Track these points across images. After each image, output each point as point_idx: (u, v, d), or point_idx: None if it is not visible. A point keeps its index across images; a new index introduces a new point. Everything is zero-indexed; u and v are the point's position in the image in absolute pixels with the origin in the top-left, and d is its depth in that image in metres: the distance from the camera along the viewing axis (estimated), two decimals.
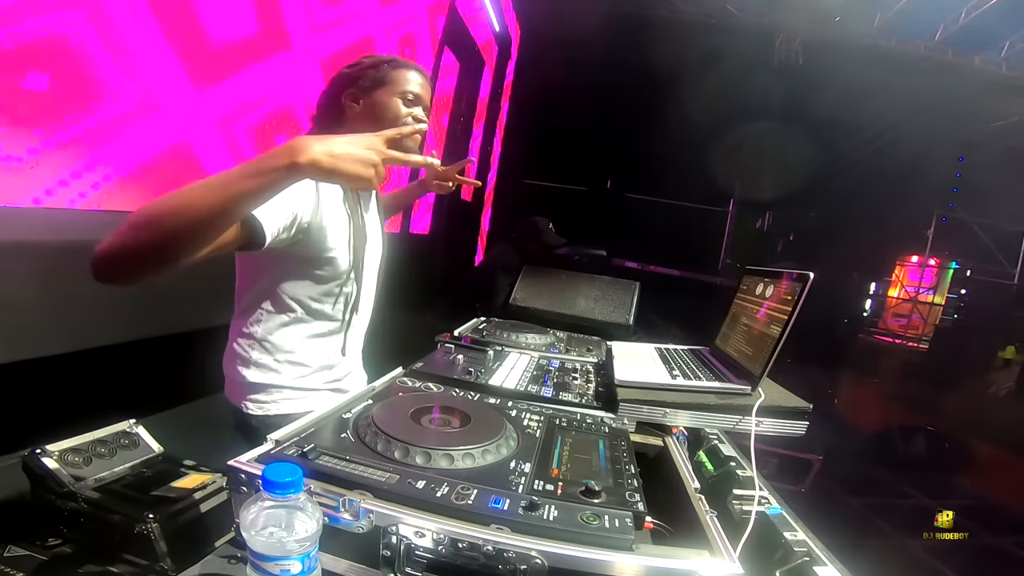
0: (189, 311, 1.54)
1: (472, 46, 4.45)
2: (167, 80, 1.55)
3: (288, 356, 1.08)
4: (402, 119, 1.08)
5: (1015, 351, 7.34)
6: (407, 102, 1.09)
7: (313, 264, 1.03)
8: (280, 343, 1.07)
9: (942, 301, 7.90)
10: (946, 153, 6.96)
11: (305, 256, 1.01)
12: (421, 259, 4.15)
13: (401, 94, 1.08)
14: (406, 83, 1.08)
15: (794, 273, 1.07)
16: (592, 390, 1.15)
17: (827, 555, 0.70)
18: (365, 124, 1.06)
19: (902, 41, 6.72)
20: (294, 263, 1.02)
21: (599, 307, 1.97)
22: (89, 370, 1.34)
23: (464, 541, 0.56)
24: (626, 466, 0.76)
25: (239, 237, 0.83)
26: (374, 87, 1.08)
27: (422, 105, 1.11)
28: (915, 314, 7.99)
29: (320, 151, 0.70)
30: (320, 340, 1.11)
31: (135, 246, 0.70)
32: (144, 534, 0.70)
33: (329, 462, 0.66)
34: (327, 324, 1.11)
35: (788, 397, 1.01)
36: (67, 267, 1.29)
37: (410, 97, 1.09)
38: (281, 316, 1.06)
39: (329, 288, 1.07)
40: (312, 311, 1.08)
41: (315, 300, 1.07)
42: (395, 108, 1.07)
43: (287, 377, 1.08)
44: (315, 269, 1.04)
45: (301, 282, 1.05)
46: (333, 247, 1.03)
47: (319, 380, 1.13)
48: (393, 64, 1.10)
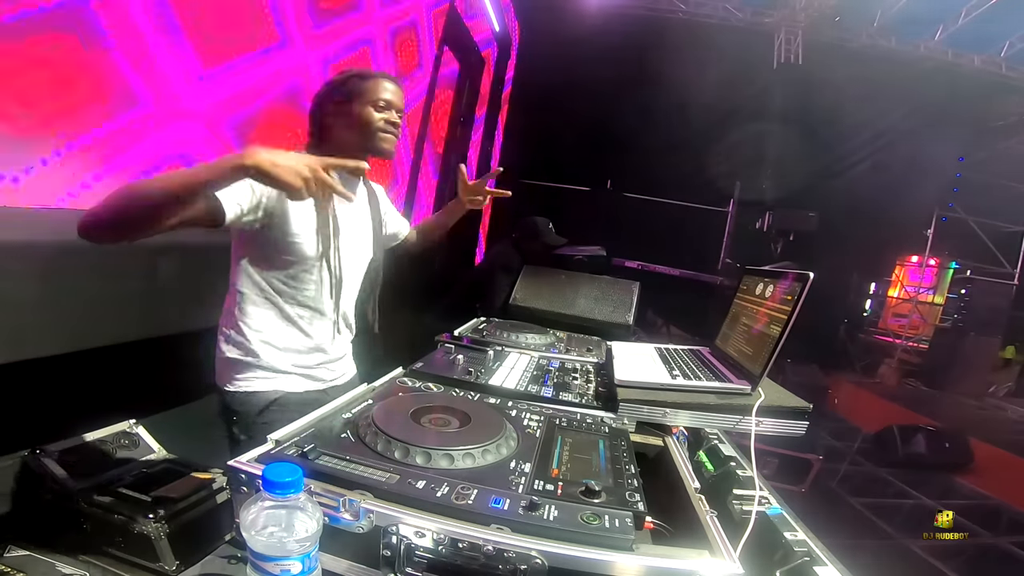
0: (189, 311, 1.54)
1: (472, 46, 4.45)
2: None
3: (260, 336, 1.16)
4: (376, 124, 1.17)
5: (1015, 351, 7.34)
6: (379, 108, 1.18)
7: (279, 248, 1.11)
8: (254, 324, 1.15)
9: (942, 301, 7.89)
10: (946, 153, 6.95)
11: (272, 239, 1.10)
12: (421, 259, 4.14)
13: (372, 103, 1.17)
14: (376, 92, 1.17)
15: (794, 273, 1.07)
16: (592, 390, 1.15)
17: (827, 555, 0.70)
18: (346, 134, 1.19)
19: (902, 41, 6.72)
20: (264, 246, 1.11)
21: (599, 307, 1.97)
22: (89, 370, 1.34)
23: (464, 541, 0.56)
24: (626, 466, 0.76)
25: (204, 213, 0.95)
26: (347, 100, 1.17)
27: (394, 109, 1.20)
28: (915, 314, 7.98)
29: (265, 158, 0.85)
30: (291, 324, 1.18)
31: (113, 214, 0.86)
32: (144, 534, 0.70)
33: (329, 462, 0.66)
34: (298, 309, 1.18)
35: (788, 397, 1.01)
36: (67, 267, 1.29)
37: (381, 104, 1.18)
38: (255, 298, 1.15)
39: (295, 272, 1.15)
40: (282, 294, 1.16)
41: (283, 283, 1.15)
42: (367, 116, 1.17)
43: (260, 357, 1.16)
44: (281, 254, 1.12)
45: (271, 265, 1.13)
46: (297, 232, 1.11)
47: (288, 362, 1.19)
48: (361, 75, 1.20)
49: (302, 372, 1.22)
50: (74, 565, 0.70)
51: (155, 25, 1.48)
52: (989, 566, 3.23)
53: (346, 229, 1.23)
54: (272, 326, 1.17)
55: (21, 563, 0.68)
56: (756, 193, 6.89)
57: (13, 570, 0.66)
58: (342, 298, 1.25)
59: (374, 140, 1.18)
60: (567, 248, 3.29)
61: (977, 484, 4.13)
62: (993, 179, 7.23)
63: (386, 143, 1.19)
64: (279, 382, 1.18)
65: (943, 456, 4.35)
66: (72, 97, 1.30)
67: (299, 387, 1.21)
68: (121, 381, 1.37)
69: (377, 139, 1.18)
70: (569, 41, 5.89)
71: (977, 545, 3.31)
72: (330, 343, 1.26)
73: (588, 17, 6.05)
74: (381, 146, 1.19)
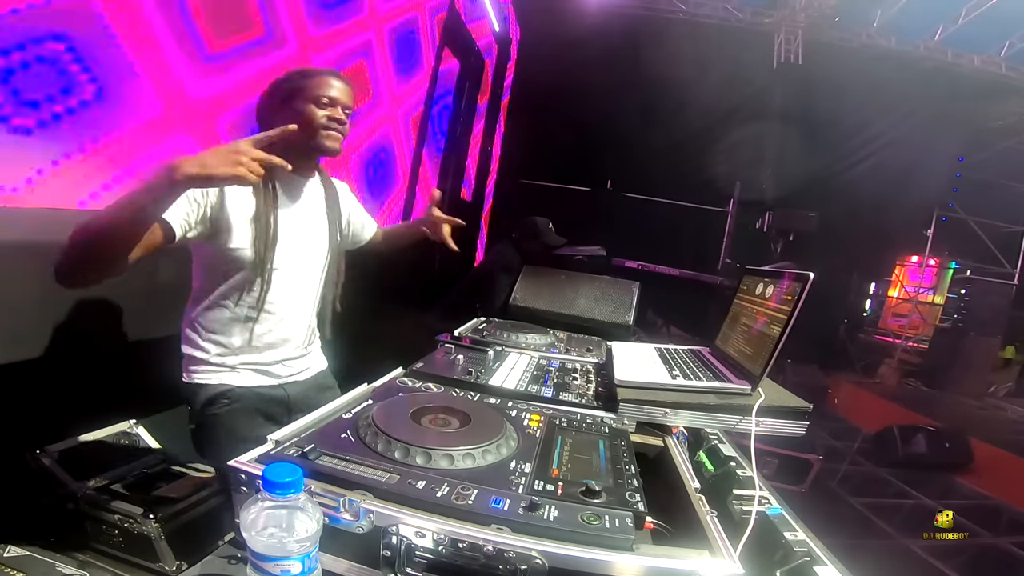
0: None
1: (472, 46, 4.45)
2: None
3: (211, 336, 1.19)
4: (317, 121, 1.16)
5: (1015, 351, 7.34)
6: (321, 105, 1.17)
7: (222, 256, 1.13)
8: (205, 323, 1.19)
9: (942, 301, 7.89)
10: (946, 153, 6.95)
11: (217, 247, 1.12)
12: (421, 259, 4.14)
13: (314, 99, 1.16)
14: (317, 88, 1.16)
15: (794, 273, 1.07)
16: (592, 390, 1.15)
17: (827, 555, 0.70)
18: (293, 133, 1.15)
19: (902, 41, 6.72)
20: (212, 253, 1.14)
21: (599, 307, 1.97)
22: (89, 370, 1.34)
23: (464, 541, 0.56)
24: (626, 466, 0.76)
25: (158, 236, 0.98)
26: (289, 97, 1.17)
27: (339, 105, 1.19)
28: (915, 314, 7.98)
29: (191, 164, 0.85)
30: (241, 323, 1.19)
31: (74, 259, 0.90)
32: (144, 534, 0.70)
33: (329, 462, 0.66)
34: (247, 310, 1.19)
35: (788, 397, 1.01)
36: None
37: (324, 100, 1.17)
38: (205, 298, 1.18)
39: (242, 276, 1.16)
40: (229, 296, 1.17)
41: (232, 285, 1.16)
42: (309, 113, 1.16)
43: (207, 353, 1.19)
44: (224, 260, 1.14)
45: (218, 268, 1.15)
46: (235, 239, 1.12)
47: (236, 360, 1.21)
48: (303, 73, 1.19)
49: (253, 368, 1.23)
50: (74, 565, 0.69)
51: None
52: (989, 566, 3.23)
53: (296, 230, 1.23)
54: (222, 325, 1.18)
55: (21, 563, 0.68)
56: (756, 193, 6.88)
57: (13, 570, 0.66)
58: (292, 299, 1.25)
59: (316, 137, 1.17)
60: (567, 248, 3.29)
61: (977, 484, 4.12)
62: (993, 179, 7.23)
63: (329, 140, 1.18)
64: (227, 376, 1.20)
65: (943, 456, 4.34)
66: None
67: (250, 382, 1.22)
68: (121, 381, 1.37)
69: (319, 136, 1.17)
70: (569, 41, 5.89)
71: (977, 545, 3.30)
72: (284, 343, 1.26)
73: (588, 17, 6.05)
74: (324, 143, 1.18)
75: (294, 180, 1.24)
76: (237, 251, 1.12)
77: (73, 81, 1.29)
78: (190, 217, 1.04)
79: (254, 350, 1.22)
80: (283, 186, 1.20)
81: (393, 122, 3.09)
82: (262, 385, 1.24)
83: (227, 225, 1.10)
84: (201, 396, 1.18)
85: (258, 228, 1.13)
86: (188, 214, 1.03)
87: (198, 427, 1.19)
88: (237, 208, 1.11)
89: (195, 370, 1.19)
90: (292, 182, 1.23)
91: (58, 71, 1.25)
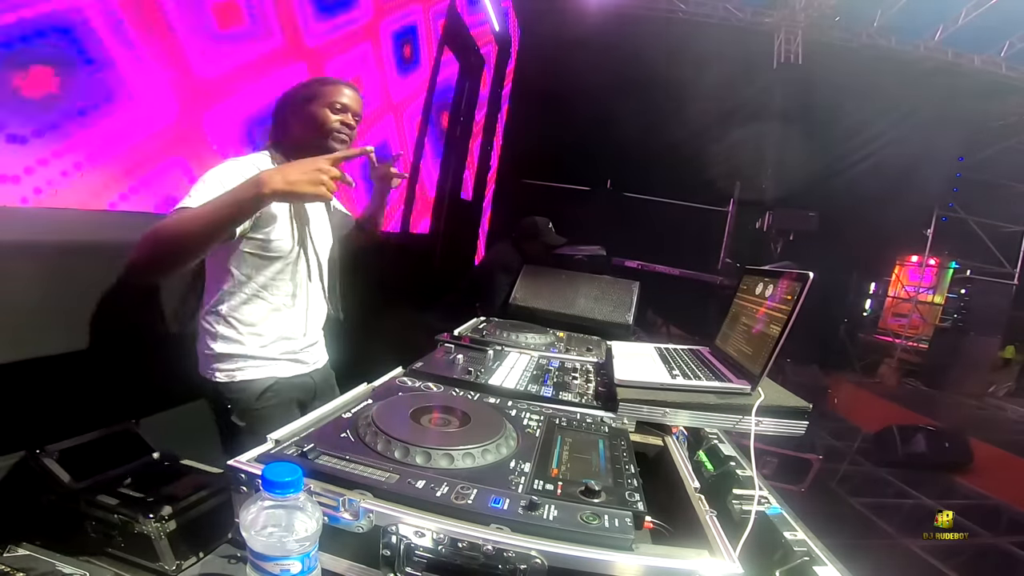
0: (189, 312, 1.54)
1: (472, 46, 4.45)
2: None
3: (250, 329, 1.23)
4: (330, 124, 1.25)
5: (1015, 351, 7.33)
6: (335, 111, 1.26)
7: (263, 246, 1.19)
8: (243, 317, 1.22)
9: (942, 301, 7.88)
10: (946, 153, 6.95)
11: (256, 240, 1.18)
12: (421, 259, 4.15)
13: (329, 105, 1.26)
14: (332, 95, 1.26)
15: (794, 273, 1.07)
16: (592, 390, 1.15)
17: (827, 555, 0.70)
18: (303, 133, 1.27)
19: (902, 41, 6.72)
20: (249, 247, 1.19)
21: (599, 307, 1.97)
22: (89, 370, 1.34)
23: (464, 541, 0.56)
24: (626, 466, 0.76)
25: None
26: (307, 102, 1.27)
27: (351, 112, 1.29)
28: (915, 314, 7.97)
29: (279, 181, 0.94)
30: (278, 314, 1.26)
31: (152, 257, 0.98)
32: (144, 534, 0.70)
33: (329, 462, 0.66)
34: (282, 299, 1.26)
35: (788, 397, 1.01)
36: (67, 267, 1.29)
37: (338, 107, 1.26)
38: (241, 294, 1.22)
39: (280, 266, 1.23)
40: (268, 287, 1.23)
41: (269, 277, 1.23)
42: (323, 117, 1.25)
43: (250, 347, 1.23)
44: (264, 251, 1.20)
45: (256, 263, 1.21)
46: (277, 230, 1.19)
47: (278, 350, 1.27)
48: (321, 81, 1.30)
49: (290, 357, 1.30)
50: (74, 565, 0.69)
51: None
52: (989, 566, 3.23)
53: (314, 222, 1.33)
54: (262, 318, 1.24)
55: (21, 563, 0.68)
56: (756, 193, 6.89)
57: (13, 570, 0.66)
58: (315, 285, 1.34)
59: (327, 139, 1.26)
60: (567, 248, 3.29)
61: (977, 484, 4.12)
62: (993, 179, 7.23)
63: (339, 142, 1.27)
64: (271, 369, 1.26)
65: (943, 456, 4.34)
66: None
67: (289, 372, 1.30)
68: (121, 381, 1.37)
69: (330, 139, 1.26)
70: (569, 40, 5.89)
71: (977, 545, 3.31)
72: (311, 328, 1.35)
73: (588, 17, 6.05)
74: (334, 145, 1.26)
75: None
76: (276, 242, 1.20)
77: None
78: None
79: (289, 337, 1.29)
80: None
81: (393, 122, 3.09)
82: (298, 374, 1.32)
83: (269, 215, 1.17)
84: (249, 392, 1.22)
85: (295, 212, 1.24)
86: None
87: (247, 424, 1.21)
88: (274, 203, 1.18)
89: (234, 368, 1.22)
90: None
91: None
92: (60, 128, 1.25)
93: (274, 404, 1.24)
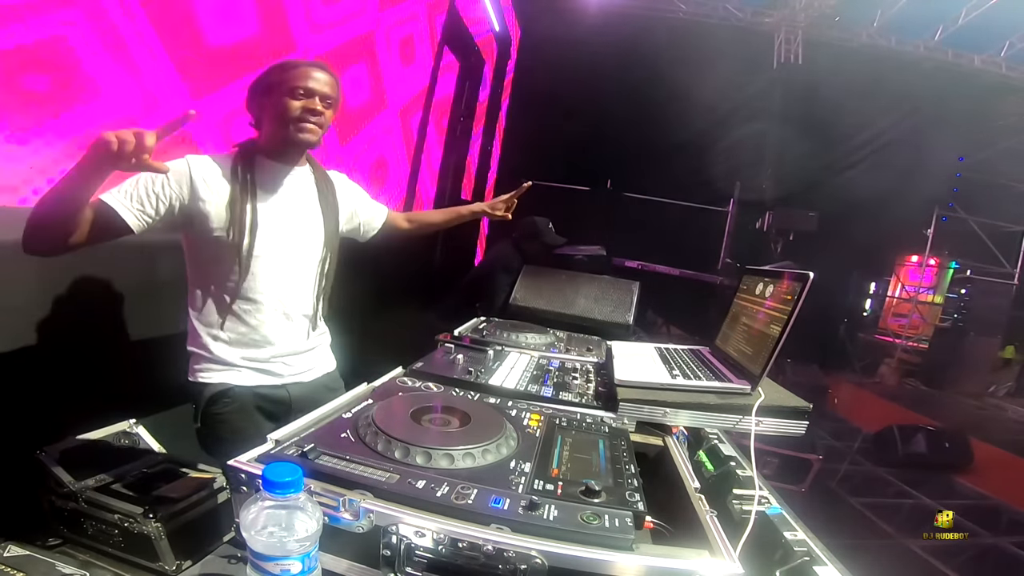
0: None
1: (472, 46, 4.45)
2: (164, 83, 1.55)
3: (209, 330, 1.19)
4: (292, 113, 1.15)
5: (1015, 351, 7.33)
6: (297, 96, 1.15)
7: (203, 242, 1.15)
8: (203, 317, 1.19)
9: (942, 301, 7.88)
10: (946, 153, 6.95)
11: (198, 236, 1.15)
12: (421, 259, 4.14)
13: (290, 91, 1.15)
14: (294, 80, 1.15)
15: (794, 273, 1.07)
16: (592, 390, 1.15)
17: (827, 555, 0.70)
18: (269, 126, 1.20)
19: (902, 41, 6.73)
20: (197, 243, 1.16)
21: (599, 307, 1.97)
22: (89, 370, 1.34)
23: (464, 541, 0.56)
24: (626, 466, 0.76)
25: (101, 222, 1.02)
26: (268, 91, 1.18)
27: (317, 95, 1.17)
28: (915, 314, 7.97)
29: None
30: (235, 317, 1.19)
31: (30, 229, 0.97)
32: (144, 534, 0.70)
33: (329, 462, 0.66)
34: (240, 302, 1.19)
35: (788, 397, 1.01)
36: (67, 267, 1.29)
37: (300, 92, 1.15)
38: (201, 292, 1.19)
39: (229, 266, 1.16)
40: (221, 287, 1.18)
41: (222, 276, 1.17)
42: (285, 105, 1.15)
43: (210, 350, 1.19)
44: (205, 246, 1.15)
45: (207, 259, 1.17)
46: (214, 228, 1.13)
47: (236, 355, 1.20)
48: (283, 67, 1.18)
49: (254, 366, 1.22)
50: (74, 565, 0.69)
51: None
52: (989, 566, 3.23)
53: (280, 219, 1.22)
54: (218, 319, 1.19)
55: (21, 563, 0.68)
56: (756, 193, 6.88)
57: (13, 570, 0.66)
58: (285, 290, 1.23)
59: (290, 129, 1.16)
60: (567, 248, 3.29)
61: (977, 484, 4.12)
62: (993, 179, 7.23)
63: (303, 132, 1.17)
64: (229, 375, 1.19)
65: (943, 456, 4.34)
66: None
67: (251, 381, 1.21)
68: (121, 381, 1.37)
69: (293, 128, 1.16)
70: (569, 41, 5.89)
71: (977, 545, 3.30)
72: (281, 337, 1.24)
73: (588, 17, 6.05)
74: (297, 136, 1.17)
75: (275, 168, 1.23)
76: (214, 238, 1.14)
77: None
78: (147, 208, 1.07)
79: (251, 344, 1.21)
80: (262, 175, 1.20)
81: (393, 122, 3.09)
82: (263, 385, 1.23)
83: (203, 213, 1.12)
84: (204, 395, 1.18)
85: (232, 214, 1.14)
86: (145, 205, 1.07)
87: (202, 426, 1.19)
88: (212, 196, 1.13)
89: (198, 368, 1.20)
90: (272, 171, 1.23)
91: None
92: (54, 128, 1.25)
93: (230, 411, 1.18)
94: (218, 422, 1.18)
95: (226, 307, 1.18)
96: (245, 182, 1.16)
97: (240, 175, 1.16)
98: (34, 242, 0.98)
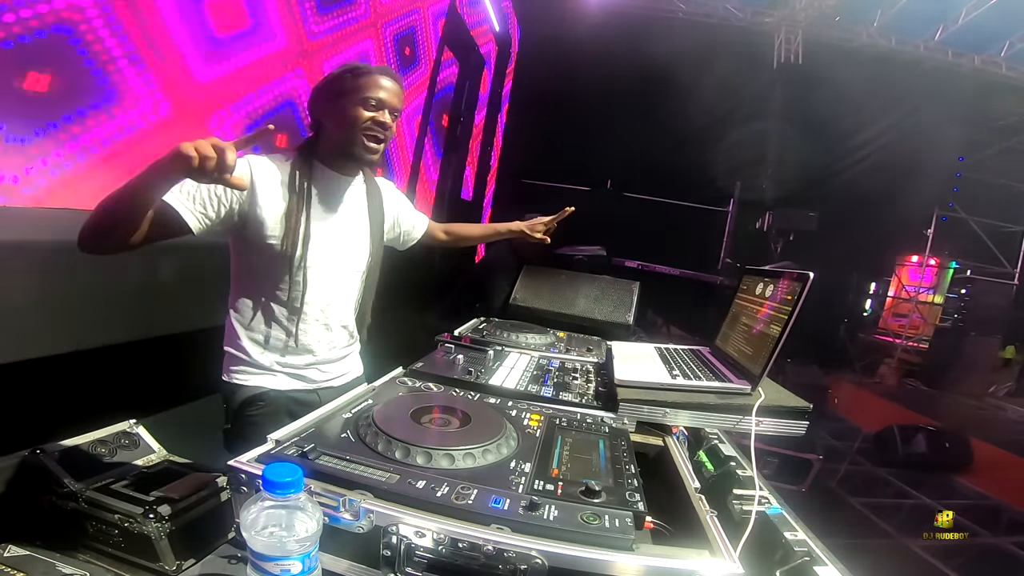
0: (189, 311, 1.54)
1: (472, 46, 4.45)
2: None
3: (248, 333, 1.18)
4: (362, 123, 1.13)
5: (1015, 351, 7.33)
6: (369, 107, 1.13)
7: (258, 249, 1.13)
8: (243, 320, 1.18)
9: (942, 301, 7.88)
10: (946, 153, 6.95)
11: (250, 242, 1.13)
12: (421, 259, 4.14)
13: (362, 101, 1.12)
14: (367, 89, 1.12)
15: (794, 273, 1.07)
16: (592, 390, 1.15)
17: (827, 555, 0.70)
18: (334, 132, 1.17)
19: (902, 41, 6.72)
20: (246, 248, 1.14)
21: (599, 307, 1.97)
22: (89, 370, 1.34)
23: (464, 541, 0.56)
24: (626, 466, 0.76)
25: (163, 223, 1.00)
26: (338, 97, 1.14)
27: (387, 108, 1.15)
28: (915, 314, 7.97)
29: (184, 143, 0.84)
30: (276, 323, 1.19)
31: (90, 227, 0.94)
32: (145, 534, 0.70)
33: (329, 462, 0.66)
34: (281, 309, 1.18)
35: (788, 397, 1.01)
36: (67, 267, 1.29)
37: (372, 103, 1.13)
38: (244, 296, 1.18)
39: (276, 274, 1.16)
40: (266, 294, 1.17)
41: (267, 283, 1.16)
42: (355, 115, 1.12)
43: (248, 353, 1.18)
44: (258, 255, 1.14)
45: (254, 265, 1.16)
46: (269, 237, 1.12)
47: (272, 360, 1.20)
48: (356, 72, 1.14)
49: (289, 371, 1.22)
50: (74, 565, 0.69)
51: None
52: (989, 566, 3.23)
53: (334, 230, 1.21)
54: (258, 324, 1.18)
55: (21, 563, 0.68)
56: (756, 193, 6.88)
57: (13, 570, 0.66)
58: (329, 300, 1.23)
59: (356, 142, 1.14)
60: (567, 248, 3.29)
61: (977, 484, 4.12)
62: (993, 179, 7.23)
63: (369, 151, 1.15)
64: (264, 379, 1.19)
65: (943, 456, 4.34)
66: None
67: (285, 385, 1.21)
68: (121, 381, 1.37)
69: (360, 141, 1.14)
70: (569, 41, 5.89)
71: (977, 545, 3.30)
72: (319, 345, 1.24)
73: (588, 17, 6.05)
74: (364, 155, 1.15)
75: (334, 180, 1.22)
76: (267, 245, 1.12)
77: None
78: (208, 210, 1.05)
79: (290, 351, 1.21)
80: (320, 186, 1.19)
81: None
82: (296, 389, 1.23)
83: (259, 219, 1.11)
84: (237, 397, 1.18)
85: (288, 225, 1.13)
86: (207, 208, 1.05)
87: (233, 427, 1.19)
88: (270, 205, 1.12)
89: (235, 370, 1.19)
90: (332, 182, 1.21)
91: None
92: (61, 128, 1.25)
93: (264, 413, 1.18)
94: (249, 424, 1.17)
95: (270, 314, 1.18)
96: (303, 193, 1.15)
97: (298, 184, 1.14)
98: (93, 241, 0.96)
